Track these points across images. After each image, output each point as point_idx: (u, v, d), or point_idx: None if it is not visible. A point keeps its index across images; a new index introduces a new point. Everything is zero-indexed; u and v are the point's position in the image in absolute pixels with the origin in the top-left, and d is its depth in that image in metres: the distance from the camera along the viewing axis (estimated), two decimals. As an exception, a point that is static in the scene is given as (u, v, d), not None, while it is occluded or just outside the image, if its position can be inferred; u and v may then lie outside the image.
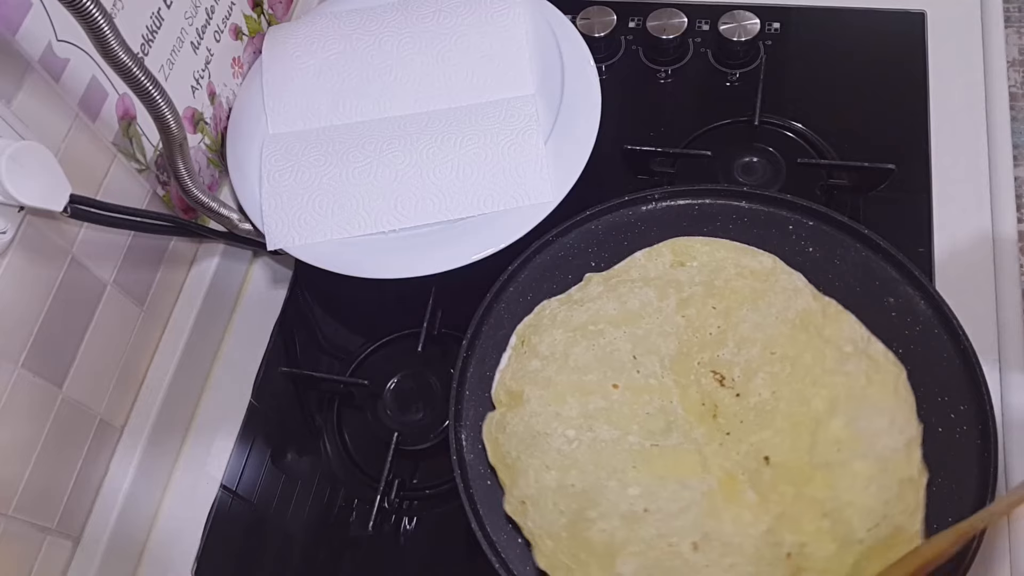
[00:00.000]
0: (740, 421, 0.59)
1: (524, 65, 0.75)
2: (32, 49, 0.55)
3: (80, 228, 0.62)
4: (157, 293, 0.72)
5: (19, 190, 0.51)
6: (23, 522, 0.59)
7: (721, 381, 0.60)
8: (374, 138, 0.74)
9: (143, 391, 0.71)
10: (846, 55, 0.83)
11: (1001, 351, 0.65)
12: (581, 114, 0.72)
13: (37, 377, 0.59)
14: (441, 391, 0.71)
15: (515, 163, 0.70)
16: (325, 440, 0.72)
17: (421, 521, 0.68)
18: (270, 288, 0.80)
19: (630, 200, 0.70)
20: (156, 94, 0.56)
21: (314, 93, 0.77)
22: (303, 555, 0.67)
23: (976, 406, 0.58)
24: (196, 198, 0.69)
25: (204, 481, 0.71)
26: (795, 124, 0.79)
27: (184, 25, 0.71)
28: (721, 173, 0.77)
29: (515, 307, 0.67)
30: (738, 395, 0.60)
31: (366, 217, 0.71)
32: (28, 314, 0.58)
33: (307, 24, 0.80)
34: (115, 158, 0.65)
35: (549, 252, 0.69)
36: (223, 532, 0.69)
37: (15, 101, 0.55)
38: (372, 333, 0.76)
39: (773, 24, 0.85)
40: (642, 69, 0.85)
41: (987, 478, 0.55)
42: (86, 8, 0.48)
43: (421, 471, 0.70)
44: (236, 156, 0.76)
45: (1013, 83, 1.63)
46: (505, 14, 0.77)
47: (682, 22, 0.84)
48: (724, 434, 0.59)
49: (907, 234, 0.70)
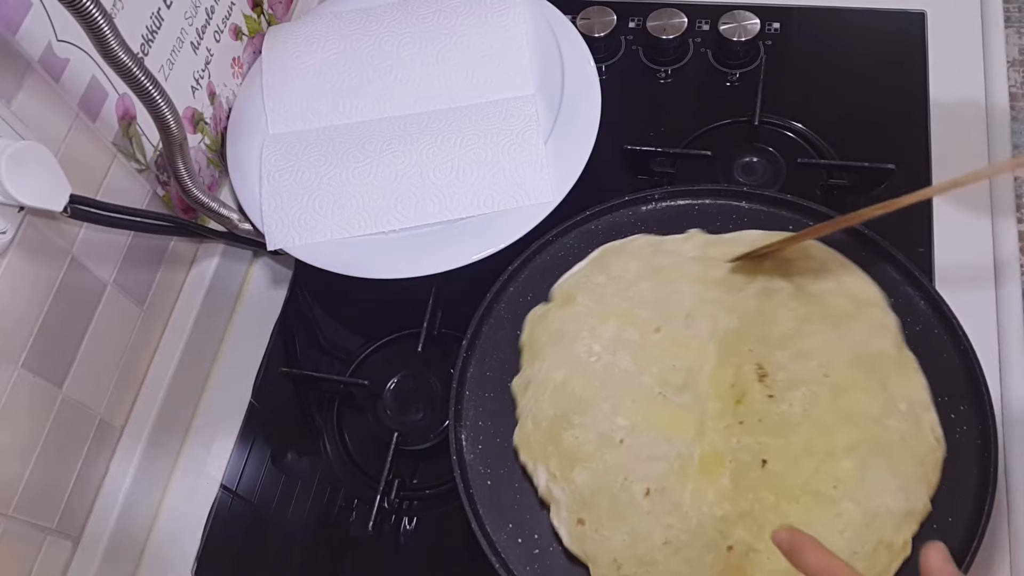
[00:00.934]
0: (759, 419, 0.58)
1: (524, 65, 0.75)
2: (32, 49, 0.55)
3: (80, 228, 0.62)
4: (157, 293, 0.72)
5: (19, 190, 0.51)
6: (23, 522, 0.59)
7: (762, 377, 0.59)
8: (374, 138, 0.74)
9: (143, 391, 0.71)
10: (846, 55, 0.83)
11: (1001, 351, 0.65)
12: (581, 114, 0.72)
13: (37, 377, 0.59)
14: (441, 391, 0.71)
15: (515, 163, 0.70)
16: (325, 440, 0.72)
17: (421, 521, 0.68)
18: (270, 288, 0.80)
19: (630, 200, 0.70)
20: (156, 94, 0.56)
21: (314, 93, 0.77)
22: (303, 555, 0.67)
23: (976, 406, 0.58)
24: (196, 198, 0.69)
25: (204, 481, 0.71)
26: (795, 124, 0.79)
27: (184, 25, 0.71)
28: (721, 173, 0.77)
29: (515, 307, 0.67)
30: (771, 396, 0.59)
31: (366, 217, 0.71)
32: (28, 314, 0.58)
33: (307, 24, 0.80)
34: (115, 158, 0.65)
35: (549, 252, 0.69)
36: (223, 532, 0.69)
37: (15, 101, 0.55)
38: (372, 333, 0.76)
39: (773, 24, 0.85)
40: (642, 69, 0.85)
41: (987, 478, 0.55)
42: (86, 8, 0.48)
43: (421, 471, 0.70)
44: (236, 156, 0.76)
45: (1013, 83, 1.62)
46: (505, 14, 0.77)
47: (682, 22, 0.84)
48: (737, 421, 0.58)
49: (907, 234, 0.70)
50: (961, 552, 0.53)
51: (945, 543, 0.54)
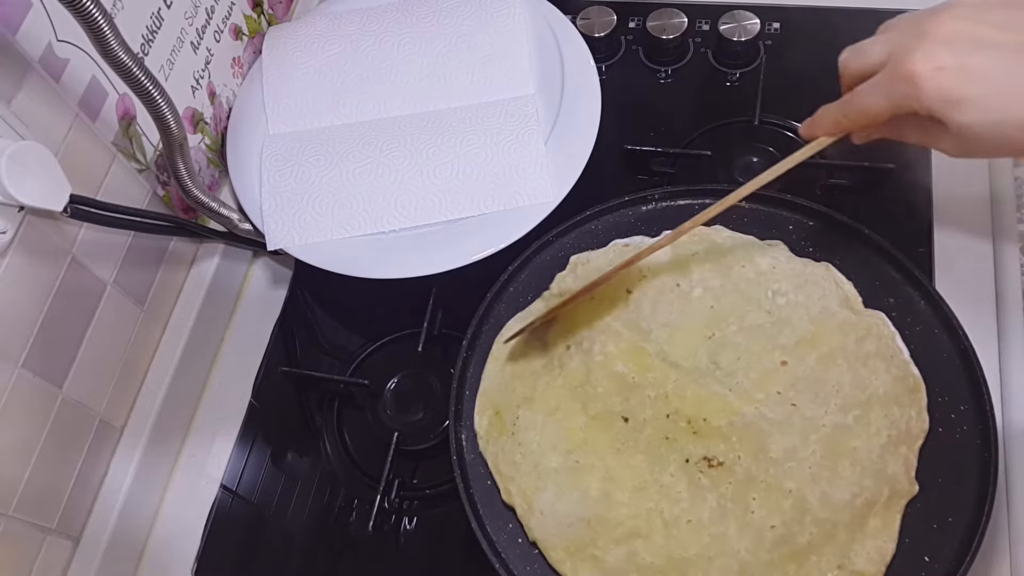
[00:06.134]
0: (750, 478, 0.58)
1: (524, 65, 0.75)
2: (32, 49, 0.55)
3: (80, 228, 0.62)
4: (157, 293, 0.72)
5: (19, 190, 0.51)
6: (23, 522, 0.59)
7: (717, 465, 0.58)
8: (374, 138, 0.74)
9: (143, 391, 0.71)
10: (846, 55, 0.83)
11: (1001, 351, 0.65)
12: (581, 114, 0.72)
13: (37, 377, 0.59)
14: (441, 391, 0.71)
15: (515, 163, 0.70)
16: (325, 440, 0.72)
17: (421, 521, 0.68)
18: (270, 288, 0.80)
19: (630, 200, 0.70)
20: (156, 94, 0.56)
21: (314, 93, 0.77)
22: (303, 555, 0.67)
23: (976, 406, 0.58)
24: (196, 198, 0.69)
25: (204, 481, 0.71)
26: (795, 124, 0.79)
27: (184, 25, 0.71)
28: (721, 173, 0.77)
29: (515, 307, 0.67)
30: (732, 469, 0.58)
31: (366, 217, 0.71)
32: (28, 314, 0.58)
33: (307, 24, 0.80)
34: (115, 158, 0.65)
35: (549, 252, 0.69)
36: (223, 532, 0.69)
37: (15, 101, 0.55)
38: (372, 333, 0.76)
39: (773, 24, 0.85)
40: (642, 69, 0.85)
41: (987, 478, 0.55)
42: (86, 8, 0.48)
43: (421, 471, 0.70)
44: (236, 156, 0.76)
45: (1013, 83, 1.62)
46: (505, 14, 0.77)
47: (682, 22, 0.84)
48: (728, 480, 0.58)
49: (907, 234, 0.70)
50: (961, 552, 0.53)
51: (945, 543, 0.54)
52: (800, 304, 0.62)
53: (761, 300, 0.63)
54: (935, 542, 0.54)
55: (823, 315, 0.62)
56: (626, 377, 0.61)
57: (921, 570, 0.54)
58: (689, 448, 0.58)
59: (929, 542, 0.55)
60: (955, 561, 0.53)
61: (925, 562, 0.54)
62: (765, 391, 0.59)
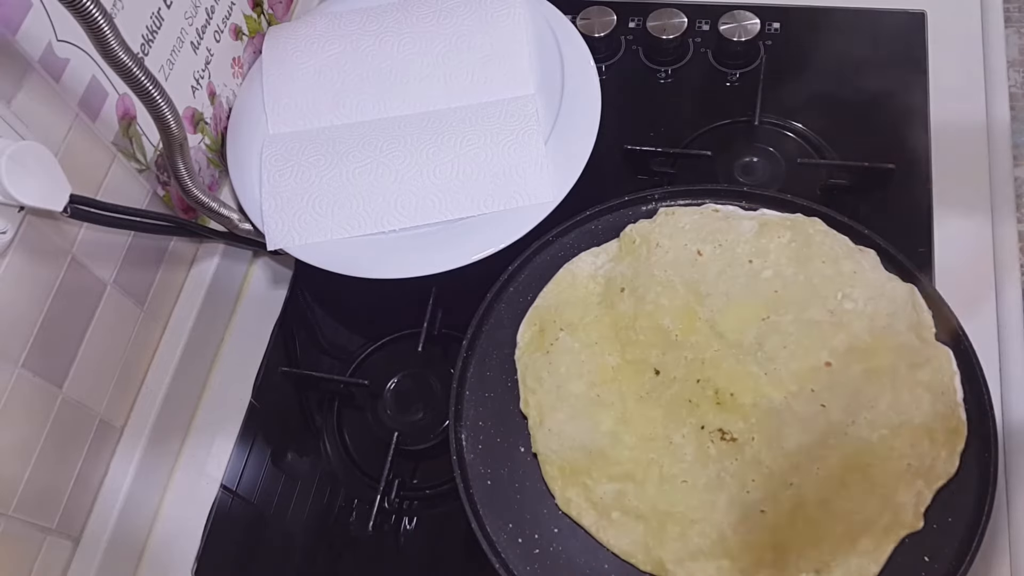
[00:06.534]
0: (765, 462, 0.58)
1: (524, 65, 0.75)
2: (32, 49, 0.55)
3: (80, 228, 0.62)
4: (157, 293, 0.72)
5: (19, 190, 0.51)
6: (23, 522, 0.59)
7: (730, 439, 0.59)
8: (374, 138, 0.74)
9: (143, 391, 0.71)
10: (846, 55, 0.83)
11: (1001, 351, 0.65)
12: (581, 114, 0.72)
13: (37, 377, 0.59)
14: (441, 391, 0.71)
15: (515, 163, 0.70)
16: (325, 440, 0.72)
17: (421, 521, 0.68)
18: (270, 288, 0.80)
19: (630, 200, 0.70)
20: (156, 94, 0.56)
21: (314, 93, 0.77)
22: (303, 555, 0.67)
23: (976, 406, 0.58)
24: (196, 198, 0.69)
25: (204, 481, 0.71)
26: (795, 124, 0.79)
27: (184, 25, 0.71)
28: (721, 173, 0.77)
29: (515, 307, 0.67)
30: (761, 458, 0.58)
31: (366, 217, 0.71)
32: (28, 314, 0.58)
33: (307, 24, 0.80)
34: (115, 158, 0.65)
35: (549, 252, 0.69)
36: (223, 532, 0.69)
37: (15, 101, 0.55)
38: (372, 333, 0.76)
39: (773, 24, 0.85)
40: (642, 69, 0.85)
41: (987, 478, 0.55)
42: (86, 8, 0.48)
43: (421, 471, 0.70)
44: (236, 156, 0.76)
45: (1013, 83, 1.63)
46: (505, 14, 0.77)
47: (682, 22, 0.84)
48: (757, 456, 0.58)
49: (907, 234, 0.70)
50: (961, 552, 0.53)
51: (945, 543, 0.54)
52: (866, 315, 0.61)
53: (828, 299, 0.62)
54: (935, 542, 0.54)
55: (886, 332, 0.60)
56: (670, 333, 0.62)
57: (921, 570, 0.54)
58: (708, 416, 0.59)
59: (929, 542, 0.55)
60: (955, 561, 0.53)
61: (925, 562, 0.54)
62: (800, 384, 0.59)
